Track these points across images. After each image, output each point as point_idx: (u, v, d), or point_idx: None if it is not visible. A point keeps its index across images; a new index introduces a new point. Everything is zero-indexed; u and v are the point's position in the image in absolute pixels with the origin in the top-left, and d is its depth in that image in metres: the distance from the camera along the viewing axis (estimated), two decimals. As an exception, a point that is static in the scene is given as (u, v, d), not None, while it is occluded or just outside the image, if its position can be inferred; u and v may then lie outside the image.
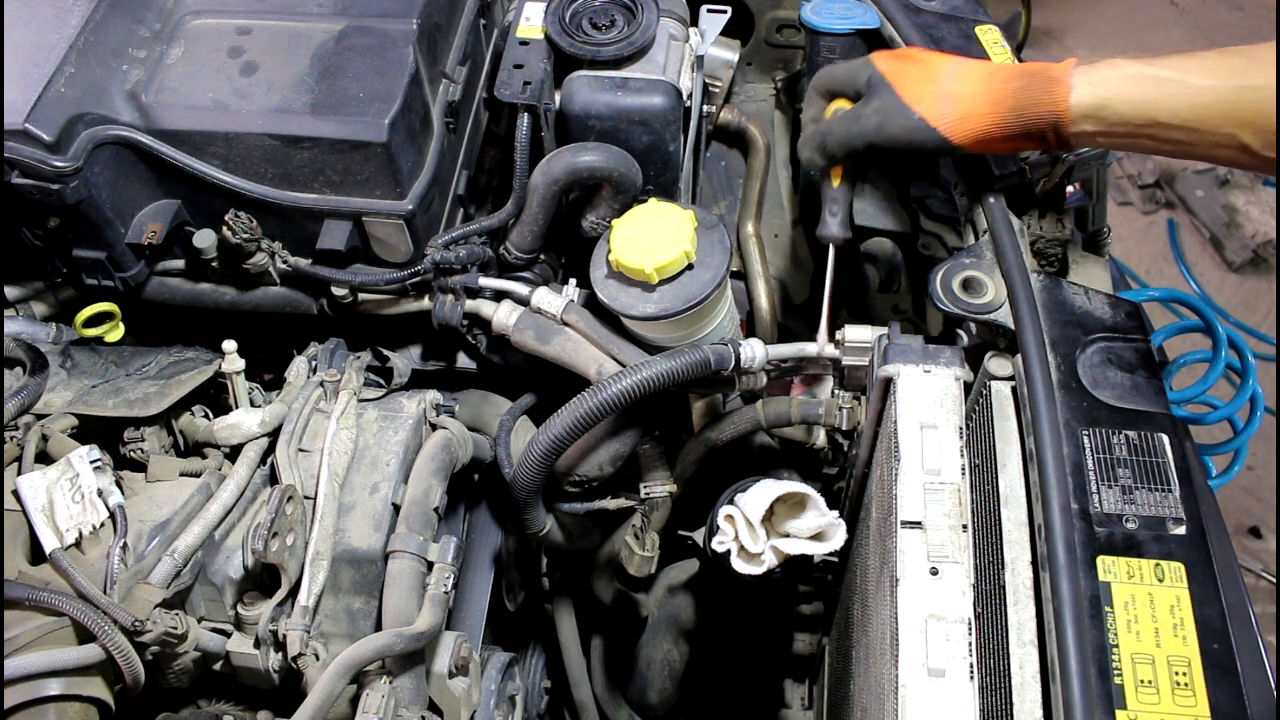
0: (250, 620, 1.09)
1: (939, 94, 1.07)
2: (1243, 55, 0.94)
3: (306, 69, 1.24)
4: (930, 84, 1.08)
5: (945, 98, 1.07)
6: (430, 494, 1.19)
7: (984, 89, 1.06)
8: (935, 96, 1.07)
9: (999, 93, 1.04)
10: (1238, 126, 0.94)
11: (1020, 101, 1.03)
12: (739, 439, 1.35)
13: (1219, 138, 0.95)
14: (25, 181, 1.13)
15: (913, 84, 1.09)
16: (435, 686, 1.14)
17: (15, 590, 0.99)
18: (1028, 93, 1.02)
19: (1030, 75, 1.03)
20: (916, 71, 1.10)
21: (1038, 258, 1.20)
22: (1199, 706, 0.81)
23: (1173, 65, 0.97)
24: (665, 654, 1.57)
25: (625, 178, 1.33)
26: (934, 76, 1.09)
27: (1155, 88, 0.97)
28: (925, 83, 1.08)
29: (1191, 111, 0.95)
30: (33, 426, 1.13)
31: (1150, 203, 3.65)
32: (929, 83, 1.08)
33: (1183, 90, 0.95)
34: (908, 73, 1.10)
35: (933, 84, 1.08)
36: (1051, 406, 0.97)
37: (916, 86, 1.08)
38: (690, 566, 1.53)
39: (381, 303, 1.37)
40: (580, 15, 1.41)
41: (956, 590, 0.92)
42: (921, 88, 1.08)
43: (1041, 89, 1.01)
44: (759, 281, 1.75)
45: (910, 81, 1.09)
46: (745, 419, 1.33)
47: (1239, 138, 0.94)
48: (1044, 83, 1.01)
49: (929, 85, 1.08)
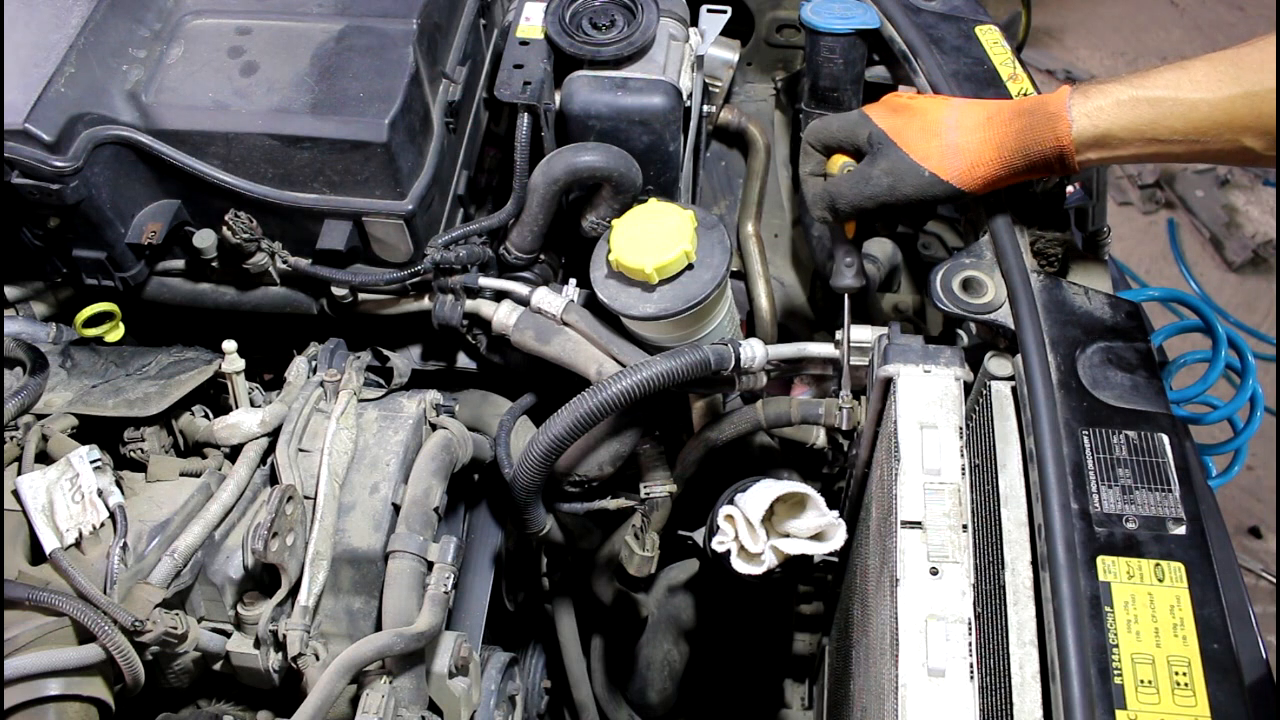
0: (250, 620, 1.09)
1: (945, 147, 1.07)
2: (1228, 62, 0.95)
3: (306, 69, 1.24)
4: (935, 138, 1.08)
5: (952, 151, 1.06)
6: (430, 494, 1.19)
7: (987, 135, 1.06)
8: (942, 151, 1.07)
9: (1002, 137, 1.04)
10: (1237, 133, 0.95)
11: (1024, 142, 1.03)
12: (739, 439, 1.35)
13: (1221, 144, 0.96)
14: (25, 181, 1.13)
15: (917, 141, 1.08)
16: (435, 686, 1.14)
17: (15, 590, 0.99)
18: (1030, 132, 1.02)
19: (1029, 114, 1.03)
20: (918, 125, 1.09)
21: (1038, 258, 1.20)
22: (1199, 706, 0.81)
23: (1165, 83, 0.97)
24: (665, 654, 1.57)
25: (625, 178, 1.33)
26: (936, 129, 1.08)
27: (1150, 109, 0.97)
28: (930, 138, 1.08)
29: (1189, 126, 0.96)
30: (33, 426, 1.13)
31: (1150, 203, 3.65)
32: (934, 137, 1.08)
33: (1177, 108, 0.96)
34: (910, 128, 1.09)
35: (937, 138, 1.07)
36: (1051, 406, 0.97)
37: (922, 143, 1.08)
38: (690, 566, 1.53)
39: (381, 303, 1.37)
40: (580, 15, 1.41)
41: (956, 590, 0.92)
42: (928, 144, 1.08)
43: (1044, 127, 1.01)
44: (759, 281, 1.75)
45: (914, 138, 1.08)
46: (745, 419, 1.33)
47: (1240, 142, 0.95)
48: (1044, 119, 1.01)
49: (934, 140, 1.07)
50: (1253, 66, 0.93)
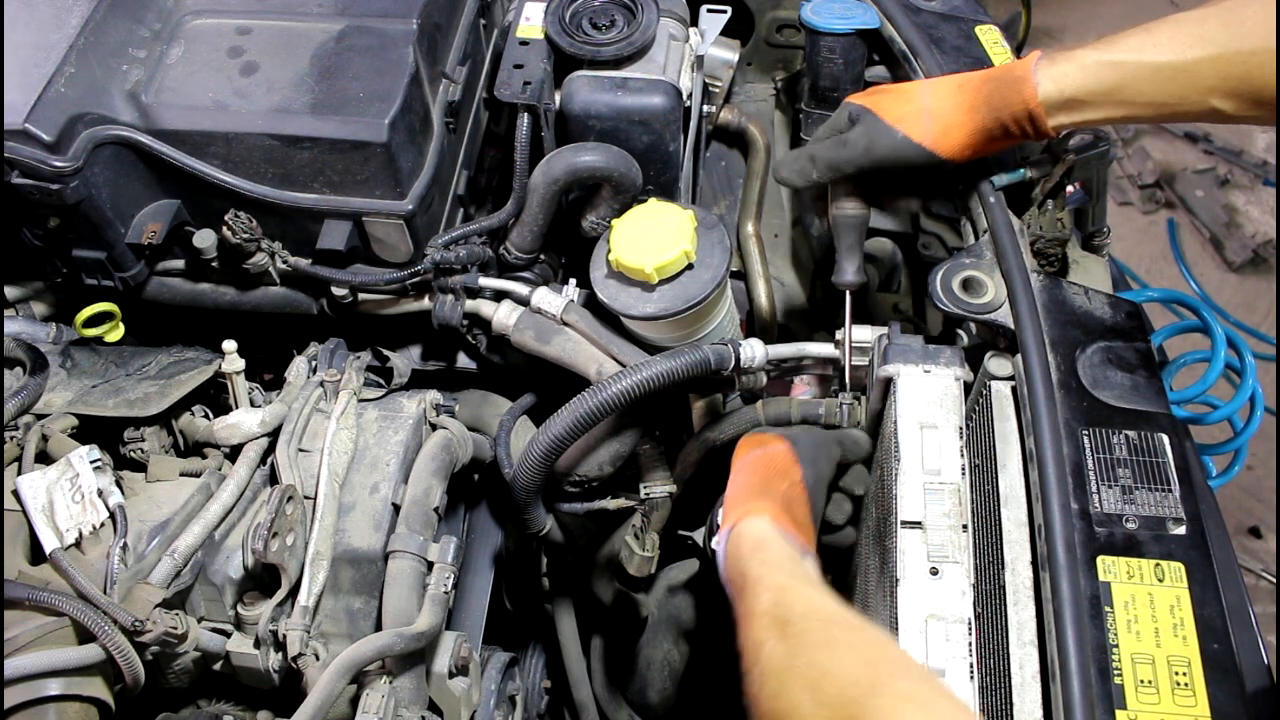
0: (250, 620, 1.10)
1: (918, 111, 1.11)
2: (1193, 23, 0.96)
3: (306, 69, 1.23)
4: (909, 104, 1.12)
5: (925, 114, 1.10)
6: (430, 494, 1.19)
7: (958, 99, 1.09)
8: (915, 115, 1.10)
9: (973, 100, 1.08)
10: (1204, 95, 0.96)
11: (993, 104, 1.06)
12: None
13: (1189, 106, 0.98)
14: (25, 181, 1.13)
15: (892, 107, 1.12)
16: (435, 686, 1.14)
17: (15, 590, 0.99)
18: (999, 95, 1.05)
19: (997, 79, 1.07)
20: (893, 96, 1.14)
21: (1038, 258, 1.20)
22: (1199, 706, 0.81)
23: (1130, 46, 0.99)
24: (665, 654, 1.57)
25: (625, 178, 1.33)
26: (911, 98, 1.13)
27: (1114, 72, 0.99)
28: (904, 104, 1.12)
29: (1155, 89, 0.98)
30: (33, 426, 1.13)
31: (1150, 203, 3.65)
32: (907, 103, 1.12)
33: (1141, 71, 0.98)
34: (885, 99, 1.14)
35: (911, 104, 1.11)
36: (1051, 406, 0.97)
37: (896, 108, 1.12)
38: (690, 566, 1.53)
39: (381, 303, 1.37)
40: (580, 15, 1.41)
41: (956, 590, 0.92)
42: (901, 108, 1.12)
43: (1011, 90, 1.04)
44: (759, 281, 1.75)
45: (889, 105, 1.13)
46: (745, 419, 1.32)
47: (1209, 103, 0.97)
48: (1011, 84, 1.04)
49: (908, 105, 1.12)
50: (1217, 27, 0.94)
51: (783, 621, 0.79)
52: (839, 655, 0.73)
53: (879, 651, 0.75)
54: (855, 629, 0.77)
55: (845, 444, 1.11)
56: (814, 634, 0.76)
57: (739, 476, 1.03)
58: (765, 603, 0.82)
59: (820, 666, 0.72)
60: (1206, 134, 3.66)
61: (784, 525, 0.95)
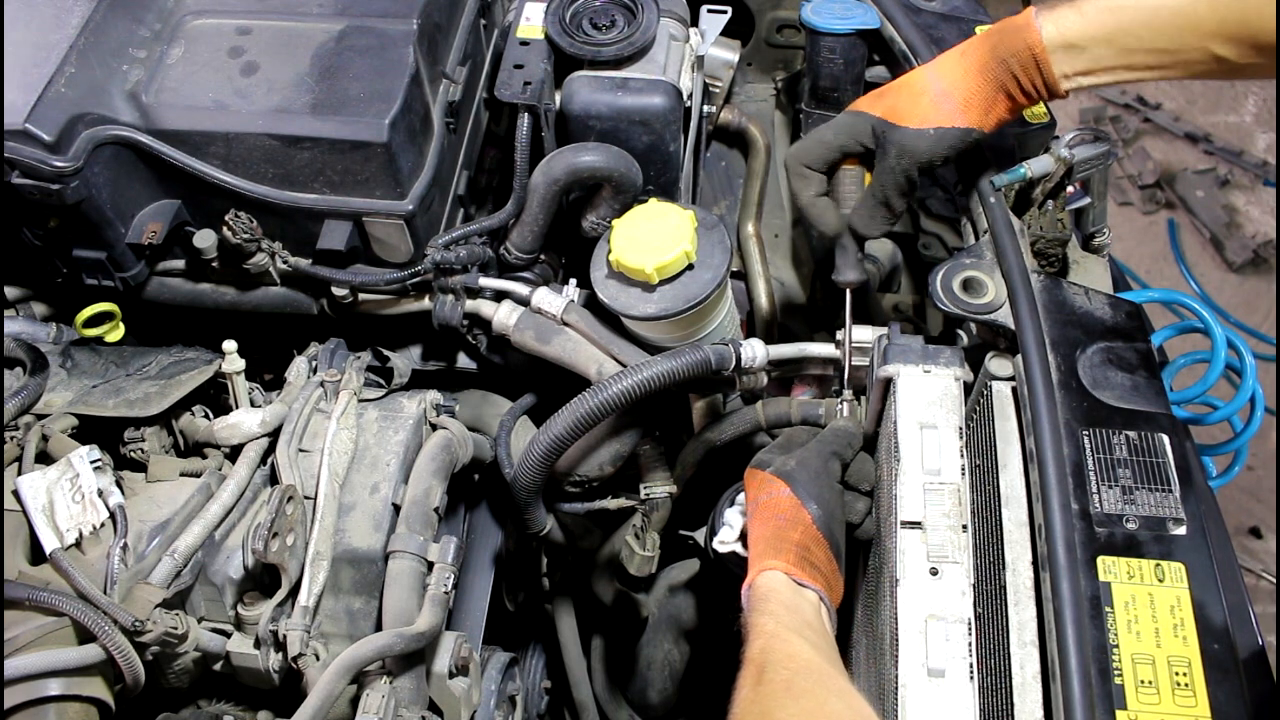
0: (250, 620, 1.10)
1: (936, 97, 1.08)
2: None
3: (306, 69, 1.23)
4: (923, 96, 1.09)
5: (943, 97, 1.08)
6: (430, 494, 1.19)
7: (966, 65, 1.08)
8: (935, 103, 1.08)
9: (980, 59, 1.06)
10: (1204, 39, 0.96)
11: (999, 53, 1.05)
12: (739, 439, 1.35)
13: (1190, 54, 0.97)
14: (25, 181, 1.13)
15: (910, 108, 1.10)
16: (435, 686, 1.14)
17: (15, 590, 0.99)
18: (1003, 44, 1.04)
19: (999, 32, 1.06)
20: (905, 95, 1.11)
21: (1038, 258, 1.20)
22: (1199, 707, 0.81)
23: None
24: (665, 654, 1.57)
25: (625, 178, 1.33)
26: (922, 89, 1.10)
27: (1113, 16, 0.99)
28: (919, 98, 1.10)
29: (1153, 33, 0.97)
30: (33, 426, 1.13)
31: (1150, 203, 3.65)
32: (922, 95, 1.10)
33: (1139, 14, 0.98)
34: (900, 101, 1.11)
35: (925, 95, 1.09)
36: (1052, 407, 0.97)
37: (915, 109, 1.09)
38: (690, 566, 1.53)
39: (381, 303, 1.37)
40: (580, 15, 1.41)
41: (956, 590, 0.92)
42: (919, 105, 1.09)
43: (1015, 37, 1.03)
44: (759, 281, 1.75)
45: (907, 108, 1.10)
46: (745, 419, 1.33)
47: (1210, 50, 0.96)
48: (1013, 32, 1.04)
49: (923, 98, 1.09)
50: None
51: (760, 668, 0.84)
52: (793, 707, 0.79)
53: (830, 706, 0.80)
54: (819, 681, 0.82)
55: (838, 448, 1.09)
56: (778, 683, 0.81)
57: (754, 528, 1.04)
58: (754, 649, 0.87)
59: (770, 717, 0.79)
60: (1207, 134, 3.66)
61: (801, 575, 0.97)
